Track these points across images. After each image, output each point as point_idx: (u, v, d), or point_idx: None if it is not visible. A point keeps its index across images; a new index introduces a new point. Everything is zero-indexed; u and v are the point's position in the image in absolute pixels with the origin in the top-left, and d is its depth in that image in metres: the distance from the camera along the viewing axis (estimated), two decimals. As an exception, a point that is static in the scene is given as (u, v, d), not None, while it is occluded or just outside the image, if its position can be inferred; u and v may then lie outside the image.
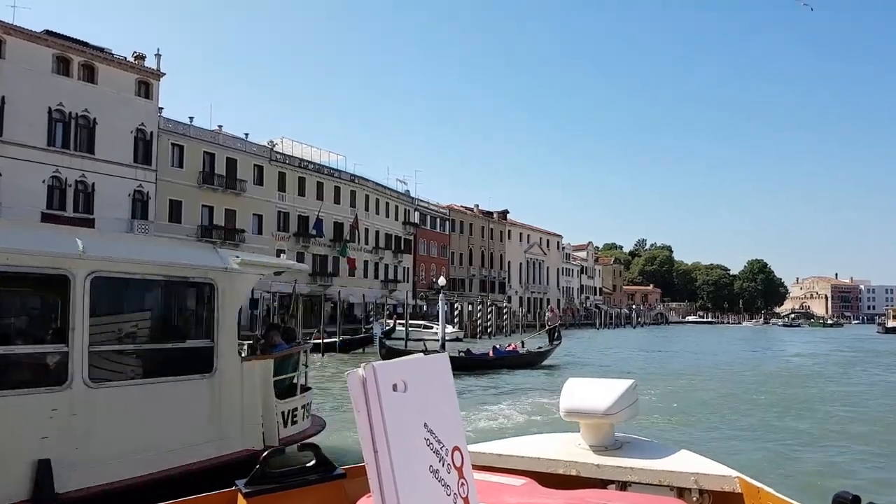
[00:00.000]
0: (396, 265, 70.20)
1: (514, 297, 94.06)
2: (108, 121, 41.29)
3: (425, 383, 1.27)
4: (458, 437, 1.30)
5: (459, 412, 1.36)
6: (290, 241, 56.46)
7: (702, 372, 27.15)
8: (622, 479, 2.73)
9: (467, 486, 1.29)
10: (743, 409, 17.09)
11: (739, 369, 29.22)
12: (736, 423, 15.14)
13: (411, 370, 1.25)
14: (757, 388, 21.98)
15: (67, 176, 39.38)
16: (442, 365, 1.36)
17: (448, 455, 1.26)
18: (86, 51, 40.60)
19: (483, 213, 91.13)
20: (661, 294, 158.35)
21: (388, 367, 1.20)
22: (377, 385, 1.15)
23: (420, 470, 1.19)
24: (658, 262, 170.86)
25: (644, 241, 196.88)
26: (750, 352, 45.49)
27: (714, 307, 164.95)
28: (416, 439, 1.20)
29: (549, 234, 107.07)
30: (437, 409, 1.28)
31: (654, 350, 44.68)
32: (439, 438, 1.24)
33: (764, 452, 11.64)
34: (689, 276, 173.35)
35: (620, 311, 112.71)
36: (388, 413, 1.14)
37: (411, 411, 1.21)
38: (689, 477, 2.64)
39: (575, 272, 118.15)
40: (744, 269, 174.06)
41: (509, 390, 19.66)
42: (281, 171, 56.24)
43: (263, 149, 55.04)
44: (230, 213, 51.39)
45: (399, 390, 1.19)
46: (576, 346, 47.88)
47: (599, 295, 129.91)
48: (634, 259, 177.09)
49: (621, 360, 33.69)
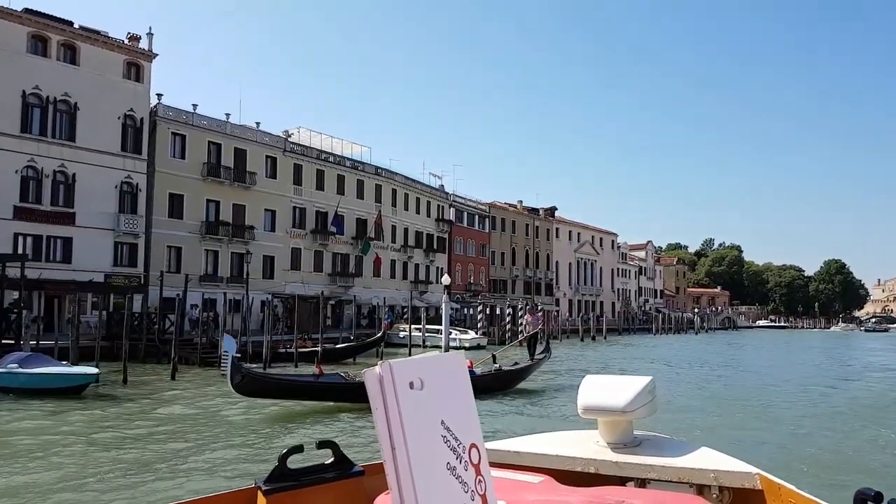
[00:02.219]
0: (428, 265, 65.40)
1: (563, 300, 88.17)
2: (91, 105, 37.90)
3: (441, 381, 1.27)
4: (474, 434, 1.30)
5: (476, 410, 1.35)
6: (307, 239, 52.41)
7: (773, 396, 21.07)
8: (641, 477, 2.70)
9: (485, 483, 1.29)
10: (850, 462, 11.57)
11: (825, 391, 22.98)
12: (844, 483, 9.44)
13: (428, 368, 1.24)
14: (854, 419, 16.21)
15: (44, 166, 36.12)
16: (458, 363, 1.36)
17: (465, 452, 1.26)
18: (66, 29, 37.31)
19: (528, 210, 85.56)
20: (730, 297, 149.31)
21: (405, 365, 1.20)
22: (394, 383, 1.15)
23: (437, 467, 1.19)
24: (726, 263, 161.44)
25: (711, 241, 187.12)
26: (836, 365, 38.04)
27: (787, 311, 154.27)
28: (434, 436, 1.21)
29: (602, 231, 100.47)
30: (454, 407, 1.28)
31: (714, 362, 37.50)
32: (456, 436, 1.24)
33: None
34: (760, 277, 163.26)
35: (681, 315, 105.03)
36: (405, 410, 1.15)
37: (428, 409, 1.21)
38: (709, 474, 2.59)
39: (632, 273, 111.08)
40: (820, 270, 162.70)
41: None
42: (297, 163, 52.23)
43: (277, 139, 51.14)
44: (239, 208, 47.65)
45: (416, 388, 1.19)
46: (615, 354, 42.05)
47: (660, 298, 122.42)
48: (701, 260, 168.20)
49: (661, 379, 26.80)
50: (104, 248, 38.23)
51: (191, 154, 45.12)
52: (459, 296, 66.46)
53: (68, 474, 10.18)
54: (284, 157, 51.16)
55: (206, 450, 12.07)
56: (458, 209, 71.26)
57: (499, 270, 77.53)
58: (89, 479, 9.84)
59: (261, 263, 48.62)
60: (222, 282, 45.84)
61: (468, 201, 73.42)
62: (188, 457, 11.48)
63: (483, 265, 74.95)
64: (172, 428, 14.39)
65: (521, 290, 79.81)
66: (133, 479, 9.89)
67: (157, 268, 42.19)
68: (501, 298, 71.25)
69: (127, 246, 39.57)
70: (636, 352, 46.10)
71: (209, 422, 15.17)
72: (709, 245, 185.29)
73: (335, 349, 29.59)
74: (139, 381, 22.58)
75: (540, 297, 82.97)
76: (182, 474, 10.29)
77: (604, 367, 30.28)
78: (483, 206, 75.95)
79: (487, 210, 76.54)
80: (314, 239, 52.68)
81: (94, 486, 9.56)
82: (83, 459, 11.24)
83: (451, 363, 1.35)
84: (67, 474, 10.18)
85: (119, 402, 18.13)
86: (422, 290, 63.41)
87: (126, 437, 13.32)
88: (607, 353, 44.07)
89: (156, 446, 12.32)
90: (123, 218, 39.08)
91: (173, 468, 10.66)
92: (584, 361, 32.62)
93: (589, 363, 31.27)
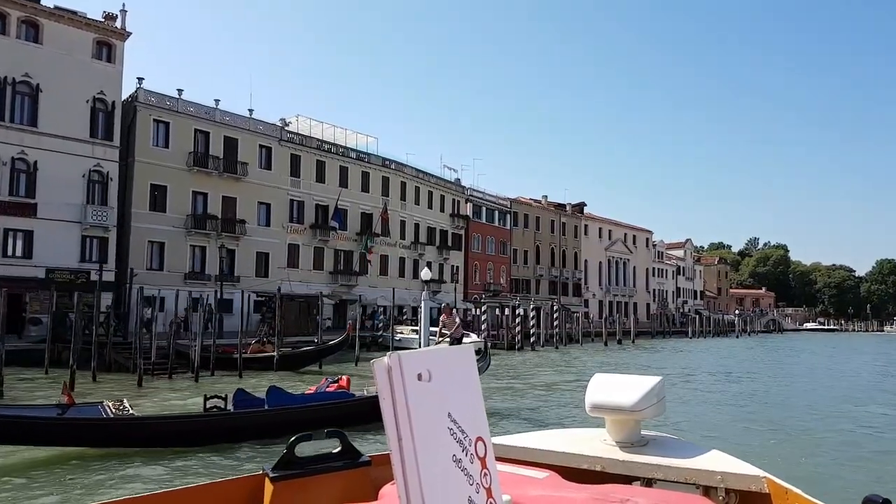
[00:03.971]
0: (442, 263, 61.33)
1: (592, 301, 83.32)
2: (56, 87, 34.92)
3: (450, 374, 1.26)
4: (481, 428, 1.30)
5: (483, 403, 1.33)
6: (307, 235, 48.92)
7: (823, 430, 15.34)
8: (647, 476, 2.68)
9: (490, 477, 1.29)
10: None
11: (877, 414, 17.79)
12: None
13: (436, 360, 1.24)
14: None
15: (2, 153, 33.22)
16: (466, 356, 1.35)
17: (471, 445, 1.25)
18: (27, 5, 34.37)
19: (554, 206, 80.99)
20: (776, 298, 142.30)
21: (414, 356, 1.19)
22: (402, 374, 1.15)
23: (443, 459, 1.19)
24: (772, 263, 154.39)
25: (756, 240, 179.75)
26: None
27: (837, 313, 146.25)
28: (440, 428, 1.21)
29: (635, 229, 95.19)
30: (461, 400, 1.27)
31: (750, 374, 31.73)
32: (463, 428, 1.24)
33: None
34: (807, 278, 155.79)
35: (721, 317, 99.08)
36: (412, 402, 1.15)
37: (435, 401, 1.21)
38: (716, 475, 2.55)
39: (669, 273, 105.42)
40: (872, 270, 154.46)
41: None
42: (294, 154, 48.79)
43: (272, 127, 47.76)
44: (229, 200, 44.39)
45: (424, 380, 1.18)
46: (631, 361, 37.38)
47: (700, 299, 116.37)
48: (744, 260, 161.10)
49: (674, 405, 17.01)
50: (70, 242, 35.16)
51: (175, 143, 42.03)
52: (477, 296, 62.34)
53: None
54: (280, 146, 47.76)
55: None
56: (475, 204, 67.12)
57: (521, 269, 73.19)
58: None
59: (253, 260, 45.34)
60: (210, 279, 42.64)
61: (487, 196, 69.23)
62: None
63: (504, 264, 70.69)
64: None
65: (545, 290, 75.36)
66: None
67: (138, 264, 39.32)
68: (525, 299, 66.90)
69: (96, 240, 36.46)
70: (660, 359, 41.31)
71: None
72: (753, 244, 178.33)
73: (294, 354, 25.68)
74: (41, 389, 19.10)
75: (567, 297, 78.48)
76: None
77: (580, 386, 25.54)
78: (504, 202, 71.68)
79: (509, 205, 72.26)
80: (314, 234, 49.17)
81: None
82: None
83: (460, 356, 1.33)
84: None
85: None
86: (434, 290, 59.40)
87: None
88: (624, 359, 39.35)
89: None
90: (91, 209, 35.99)
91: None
92: (568, 374, 27.87)
93: (572, 378, 26.03)
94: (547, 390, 21.79)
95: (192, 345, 24.09)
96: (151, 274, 39.70)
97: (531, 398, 19.43)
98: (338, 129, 53.02)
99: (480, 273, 66.71)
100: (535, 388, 22.20)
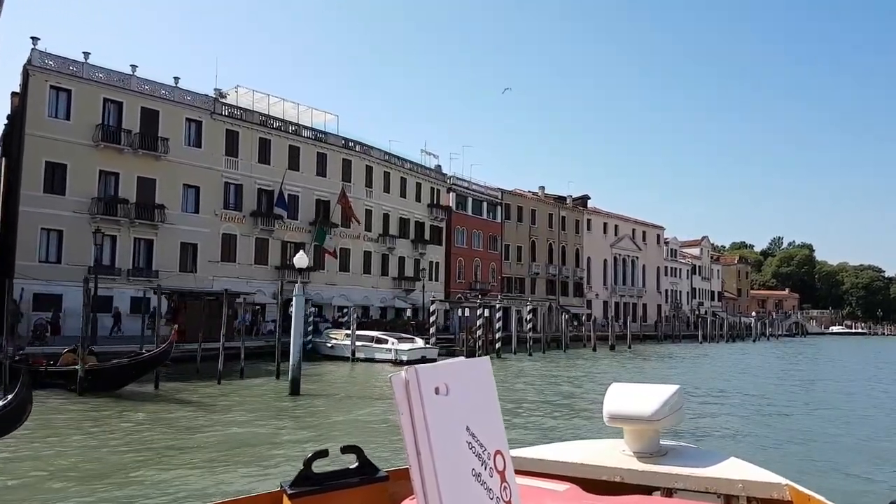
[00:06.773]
0: (418, 258, 54.16)
1: (596, 301, 75.76)
2: None
3: (467, 387, 1.25)
4: (500, 440, 1.28)
5: (501, 416, 1.31)
6: (247, 224, 42.11)
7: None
8: (667, 486, 2.64)
9: (510, 491, 1.27)
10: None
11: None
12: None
13: (454, 373, 1.23)
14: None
15: None
16: (484, 369, 1.33)
17: (490, 459, 1.24)
18: None
19: (553, 199, 73.62)
20: (800, 300, 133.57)
21: (431, 370, 1.18)
22: (420, 388, 1.14)
23: (463, 473, 1.18)
24: (796, 263, 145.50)
25: (780, 240, 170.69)
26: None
27: (865, 315, 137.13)
28: (459, 442, 1.19)
29: (645, 224, 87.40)
30: (479, 413, 1.26)
31: (748, 391, 25.39)
32: (481, 442, 1.23)
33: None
34: (833, 278, 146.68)
35: (739, 319, 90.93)
36: (430, 416, 1.14)
37: (453, 414, 1.19)
38: (737, 484, 2.51)
39: (683, 272, 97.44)
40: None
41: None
42: (231, 129, 42.00)
43: (203, 99, 41.00)
44: (146, 182, 37.72)
45: (441, 393, 1.17)
46: (581, 386, 30.06)
47: (719, 300, 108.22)
48: (767, 260, 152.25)
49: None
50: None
51: (79, 114, 35.53)
52: (460, 295, 55.15)
53: None
54: (213, 120, 40.99)
55: None
56: (460, 194, 59.92)
57: (514, 267, 65.86)
58: None
59: (177, 252, 38.62)
60: (121, 274, 36.05)
61: (473, 185, 61.98)
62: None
63: (494, 260, 63.44)
64: None
65: (542, 289, 68.03)
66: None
67: (28, 256, 33.05)
68: (517, 299, 59.77)
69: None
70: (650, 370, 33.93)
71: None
72: (777, 244, 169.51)
73: (106, 369, 18.59)
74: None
75: (567, 297, 71.16)
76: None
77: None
78: (494, 192, 64.38)
79: (500, 197, 64.95)
80: (255, 223, 42.33)
81: None
82: None
83: (478, 368, 1.32)
84: None
85: None
86: (407, 289, 52.39)
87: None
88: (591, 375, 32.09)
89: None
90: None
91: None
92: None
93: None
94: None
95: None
96: (48, 267, 33.44)
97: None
98: (288, 104, 46.15)
99: (465, 270, 59.52)
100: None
